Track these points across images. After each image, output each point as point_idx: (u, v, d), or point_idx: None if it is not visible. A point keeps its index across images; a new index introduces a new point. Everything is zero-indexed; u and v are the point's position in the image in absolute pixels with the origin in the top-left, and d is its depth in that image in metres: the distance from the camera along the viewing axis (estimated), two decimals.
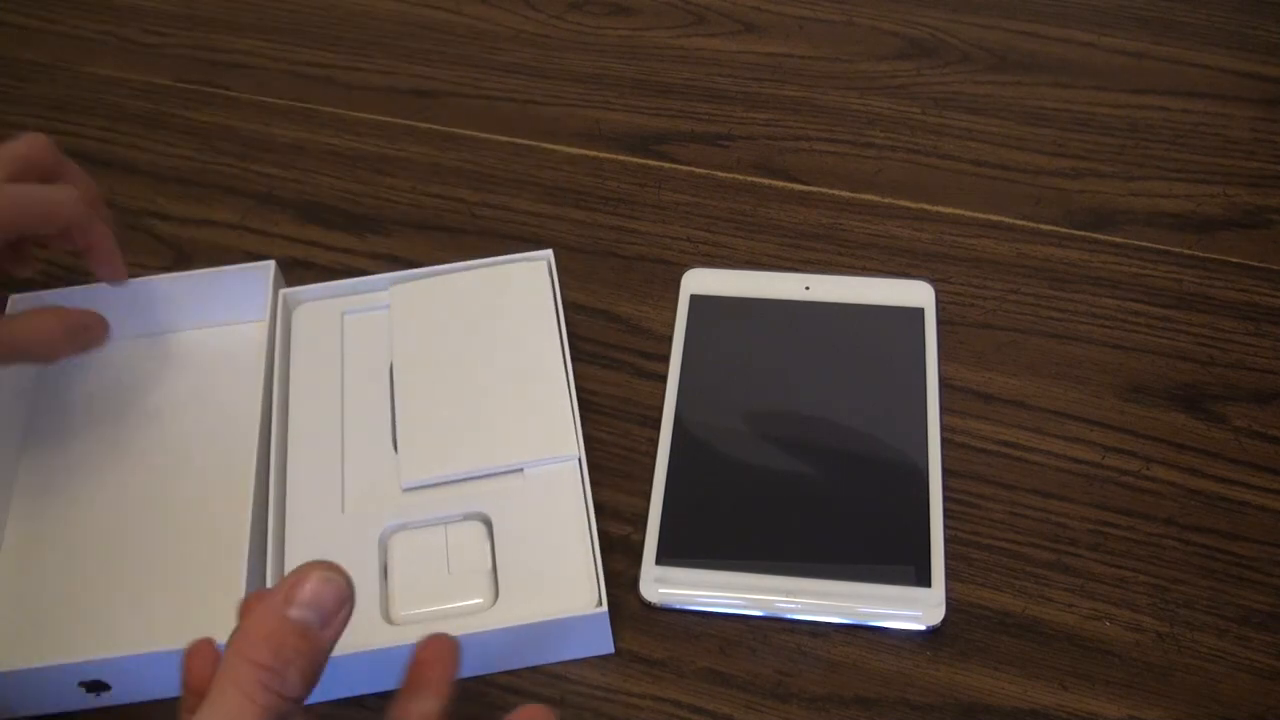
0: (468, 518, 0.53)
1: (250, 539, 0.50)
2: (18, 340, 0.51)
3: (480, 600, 0.50)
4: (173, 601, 0.52)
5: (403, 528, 0.52)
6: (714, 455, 0.55)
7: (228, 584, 0.49)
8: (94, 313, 0.55)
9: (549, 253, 0.60)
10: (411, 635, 0.48)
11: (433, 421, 0.55)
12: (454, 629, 0.48)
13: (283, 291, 0.59)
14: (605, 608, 0.48)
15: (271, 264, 0.59)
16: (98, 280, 0.57)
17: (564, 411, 0.54)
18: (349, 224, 0.68)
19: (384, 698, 0.50)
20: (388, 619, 0.50)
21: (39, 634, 0.51)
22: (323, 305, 0.60)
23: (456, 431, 0.54)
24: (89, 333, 0.54)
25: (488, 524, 0.52)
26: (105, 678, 0.48)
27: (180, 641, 0.47)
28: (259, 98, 0.76)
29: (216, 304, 0.61)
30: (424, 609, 0.50)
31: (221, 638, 0.38)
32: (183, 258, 0.66)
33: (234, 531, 0.51)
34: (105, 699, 0.49)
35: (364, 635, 0.49)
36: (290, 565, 0.51)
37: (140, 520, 0.55)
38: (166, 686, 0.50)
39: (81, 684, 0.48)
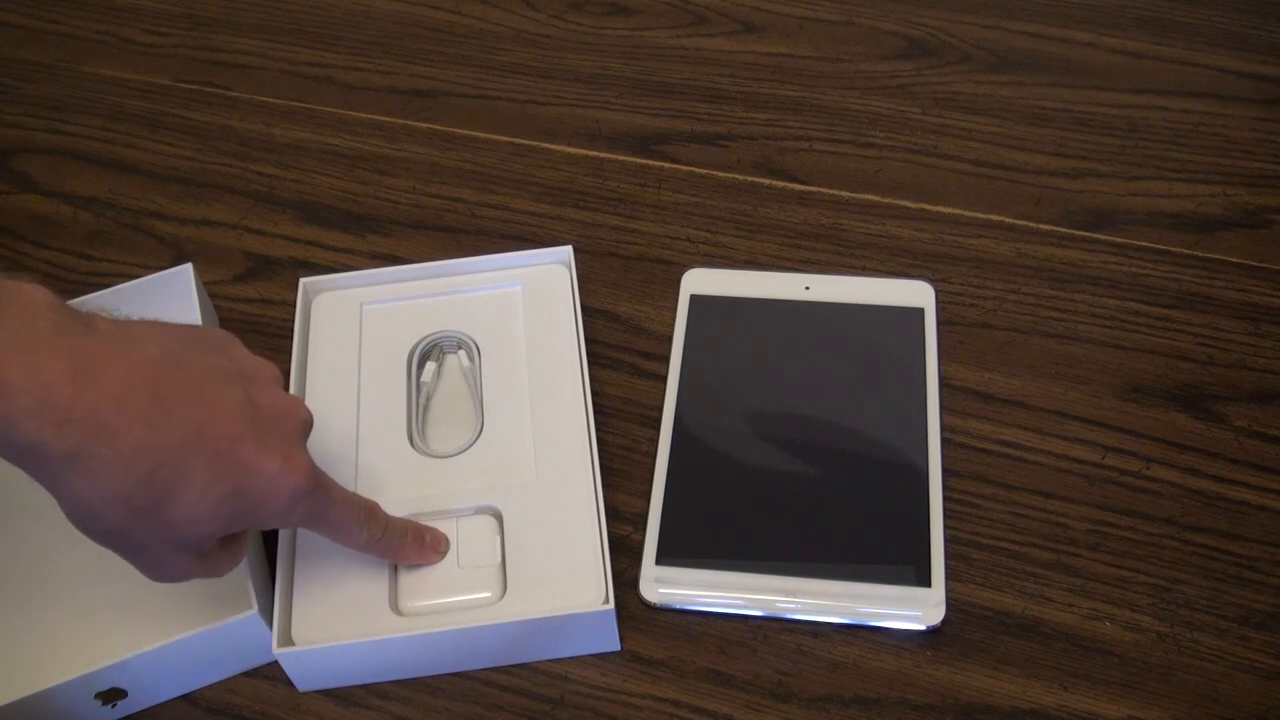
0: (479, 511, 0.53)
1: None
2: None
3: (488, 594, 0.50)
4: (176, 600, 0.51)
5: (414, 519, 0.52)
6: (714, 455, 0.55)
7: (231, 575, 0.49)
8: (444, 540, 0.52)
9: (568, 249, 0.60)
10: (419, 626, 0.48)
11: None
12: (462, 622, 0.48)
13: (303, 280, 0.59)
14: (612, 605, 0.48)
15: (189, 267, 0.59)
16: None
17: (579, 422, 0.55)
18: (349, 224, 0.68)
19: (390, 686, 0.50)
20: (396, 610, 0.50)
21: (44, 653, 0.51)
22: (342, 295, 0.60)
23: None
24: (427, 555, 0.51)
25: (498, 518, 0.52)
26: (122, 683, 0.48)
27: (192, 632, 0.47)
28: (259, 98, 0.76)
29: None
30: (432, 601, 0.50)
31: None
32: (182, 258, 0.66)
33: None
34: (121, 709, 0.49)
35: (372, 625, 0.49)
36: (301, 554, 0.51)
37: None
38: (183, 683, 0.50)
39: (98, 695, 0.48)
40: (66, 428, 0.38)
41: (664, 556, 0.52)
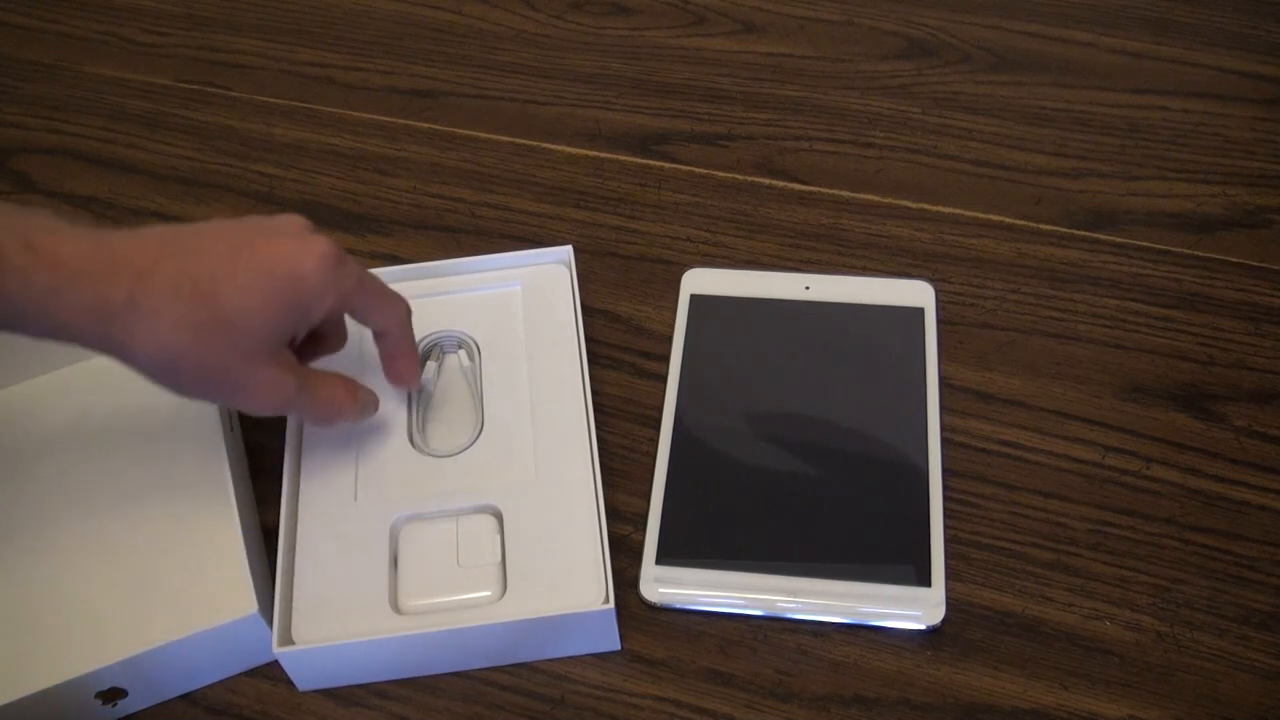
0: (479, 510, 0.53)
1: (242, 529, 0.50)
2: (318, 401, 0.51)
3: (489, 593, 0.50)
4: (176, 600, 0.52)
5: (414, 518, 0.52)
6: (714, 455, 0.55)
7: (231, 575, 0.50)
8: (372, 392, 0.54)
9: (568, 249, 0.60)
10: (419, 626, 0.48)
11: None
12: (462, 621, 0.48)
13: None
14: (612, 604, 0.48)
15: None
16: (388, 381, 0.55)
17: (579, 418, 0.55)
18: (349, 224, 0.68)
19: (390, 685, 0.50)
20: (396, 609, 0.50)
21: (44, 653, 0.50)
22: None
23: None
24: (366, 409, 0.54)
25: (498, 517, 0.52)
26: (122, 683, 0.48)
27: (193, 631, 0.47)
28: (259, 98, 0.76)
29: None
30: (432, 600, 0.50)
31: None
32: None
33: (226, 525, 0.51)
34: (122, 708, 0.49)
35: (372, 624, 0.49)
36: (301, 553, 0.51)
37: (137, 519, 0.55)
38: (182, 683, 0.50)
39: (98, 695, 0.48)
40: (116, 279, 0.43)
41: (664, 556, 0.52)
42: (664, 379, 0.58)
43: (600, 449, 0.55)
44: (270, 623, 0.49)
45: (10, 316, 0.42)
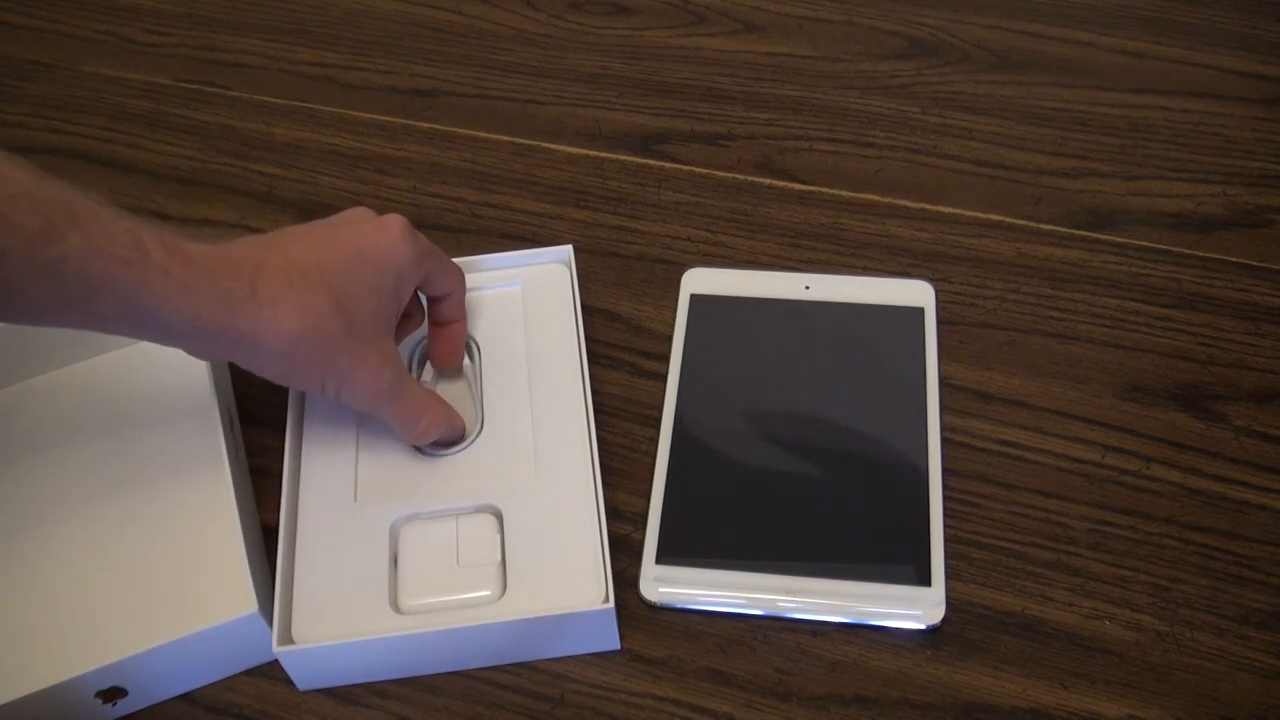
0: (479, 510, 0.53)
1: (242, 529, 0.50)
2: (411, 402, 0.53)
3: (488, 592, 0.50)
4: (176, 600, 0.52)
5: (414, 518, 0.53)
6: (714, 455, 0.55)
7: (231, 574, 0.50)
8: (463, 420, 0.55)
9: (568, 249, 0.60)
10: (419, 625, 0.48)
11: None
12: (462, 621, 0.48)
13: None
14: (612, 604, 0.48)
15: None
16: (432, 364, 0.58)
17: (579, 417, 0.55)
18: None
19: (390, 685, 0.50)
20: (396, 608, 0.50)
21: (44, 653, 0.50)
22: None
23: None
24: (454, 430, 0.55)
25: (498, 517, 0.52)
26: (122, 682, 0.48)
27: (193, 631, 0.47)
28: (259, 98, 0.76)
29: None
30: (432, 599, 0.50)
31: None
32: None
33: (226, 525, 0.51)
34: (122, 708, 0.49)
35: (372, 623, 0.49)
36: (301, 553, 0.51)
37: (137, 519, 0.55)
38: (183, 682, 0.50)
39: (98, 694, 0.48)
40: (238, 274, 0.46)
41: (664, 555, 0.52)
42: (664, 379, 0.58)
43: (600, 449, 0.55)
44: (270, 622, 0.49)
45: (145, 313, 0.44)
